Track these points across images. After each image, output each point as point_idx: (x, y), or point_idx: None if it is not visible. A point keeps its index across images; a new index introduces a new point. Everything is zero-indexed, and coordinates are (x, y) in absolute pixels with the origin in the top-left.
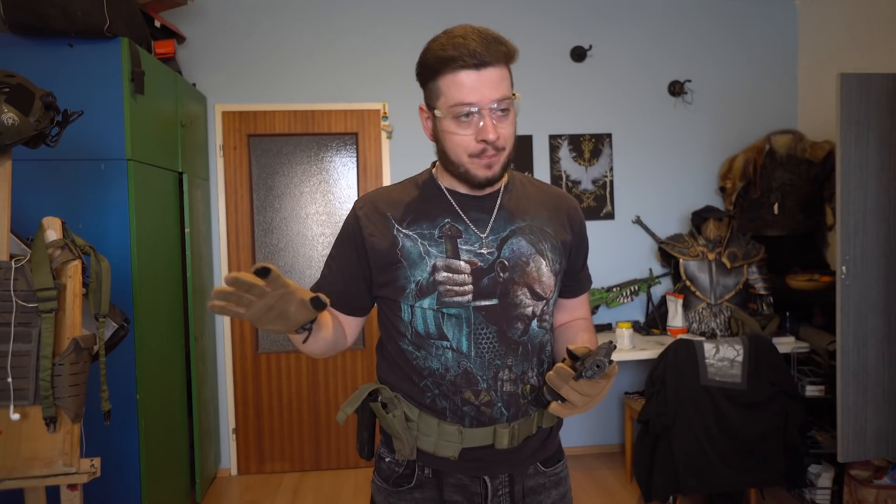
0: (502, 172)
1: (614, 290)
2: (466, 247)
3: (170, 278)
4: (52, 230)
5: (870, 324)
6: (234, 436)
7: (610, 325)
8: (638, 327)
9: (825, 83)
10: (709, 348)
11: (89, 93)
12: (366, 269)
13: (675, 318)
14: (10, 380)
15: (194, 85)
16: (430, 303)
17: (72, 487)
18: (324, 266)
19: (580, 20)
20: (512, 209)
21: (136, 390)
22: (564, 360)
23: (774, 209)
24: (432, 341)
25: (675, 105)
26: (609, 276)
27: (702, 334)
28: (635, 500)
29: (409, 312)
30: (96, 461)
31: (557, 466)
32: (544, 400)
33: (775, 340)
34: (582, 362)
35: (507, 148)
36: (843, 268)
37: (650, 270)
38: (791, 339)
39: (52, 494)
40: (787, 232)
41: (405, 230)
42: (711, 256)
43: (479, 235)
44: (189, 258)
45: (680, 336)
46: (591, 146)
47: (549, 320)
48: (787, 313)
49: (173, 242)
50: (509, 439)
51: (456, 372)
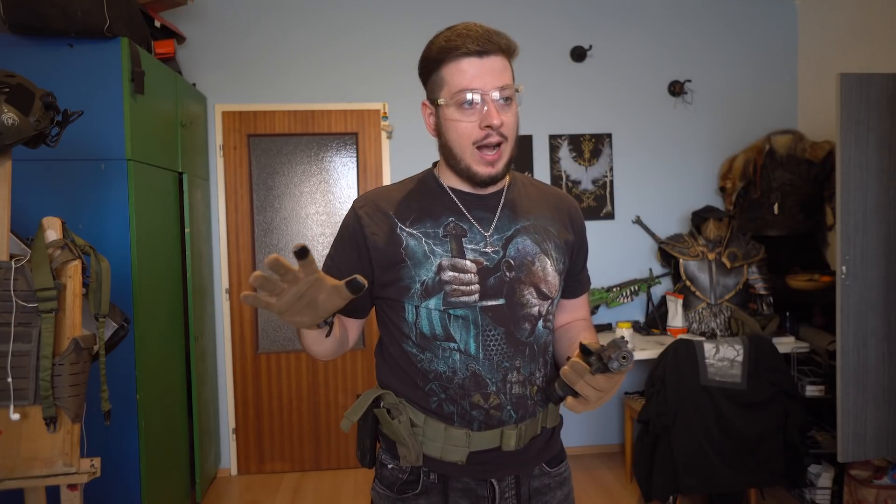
0: (505, 170)
1: (614, 290)
2: (471, 246)
3: (170, 278)
4: (52, 230)
5: (870, 324)
6: (234, 436)
7: (610, 325)
8: (638, 327)
9: (825, 83)
10: (709, 348)
11: (89, 93)
12: (367, 269)
13: (675, 318)
14: (10, 380)
15: (194, 85)
16: (436, 303)
17: (72, 487)
18: (322, 266)
19: (580, 20)
20: (516, 208)
21: (136, 390)
22: (576, 355)
23: (774, 209)
24: (438, 343)
25: (675, 105)
26: (609, 276)
27: (702, 334)
28: (635, 500)
29: (414, 313)
30: (96, 461)
31: (561, 466)
32: (556, 396)
33: (775, 340)
34: (599, 356)
35: (510, 138)
36: (843, 268)
37: (650, 270)
38: (791, 339)
39: (52, 494)
40: (787, 232)
41: (409, 229)
42: (711, 256)
43: (484, 234)
44: (189, 258)
45: (680, 336)
46: (591, 146)
47: (553, 320)
48: (787, 313)
49: (173, 242)
50: (516, 441)
51: (464, 375)
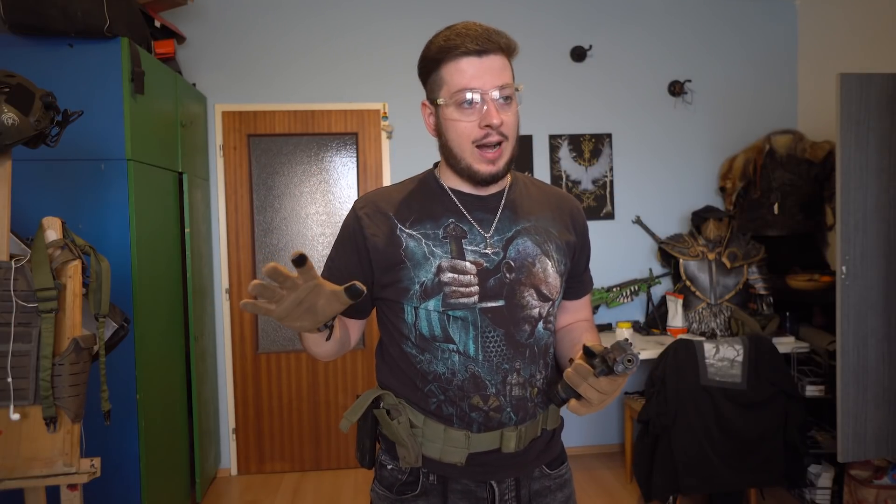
0: (506, 169)
1: (614, 290)
2: (471, 247)
3: (170, 278)
4: (52, 230)
5: (870, 324)
6: (234, 436)
7: (610, 325)
8: (638, 327)
9: (825, 83)
10: (709, 348)
11: (89, 93)
12: (367, 270)
13: (675, 318)
14: (10, 380)
15: (194, 85)
16: (435, 304)
17: (72, 487)
18: (323, 268)
19: (580, 20)
20: (516, 209)
21: (136, 390)
22: (579, 357)
23: (774, 209)
24: (437, 344)
25: (676, 105)
26: (609, 276)
27: (702, 334)
28: (635, 500)
29: (413, 314)
30: (96, 461)
31: (562, 468)
32: (559, 398)
33: (775, 340)
34: (602, 359)
35: (511, 137)
36: (843, 268)
37: (650, 270)
38: (791, 339)
39: (52, 494)
40: (787, 232)
41: (408, 230)
42: (711, 256)
43: (484, 235)
44: (189, 258)
45: (680, 336)
46: (591, 146)
47: (554, 322)
48: (787, 313)
49: (173, 242)
50: (516, 443)
51: (463, 376)
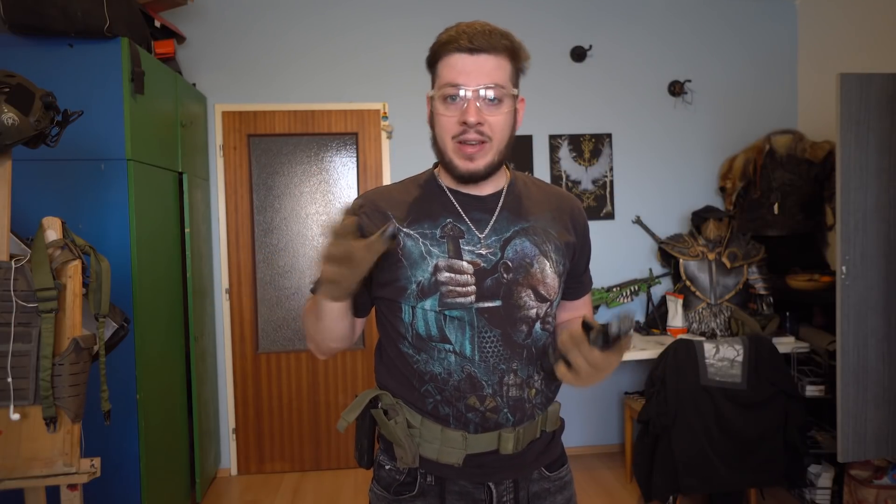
0: (487, 170)
1: (614, 290)
2: (468, 247)
3: (170, 278)
4: (52, 230)
5: (870, 324)
6: (234, 436)
7: None
8: (638, 327)
9: (825, 83)
10: (709, 348)
11: (89, 93)
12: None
13: (675, 318)
14: (10, 380)
15: (194, 85)
16: (431, 304)
17: (72, 487)
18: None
19: (580, 20)
20: (515, 210)
21: (136, 390)
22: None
23: (774, 209)
24: (434, 344)
25: (675, 105)
26: (609, 276)
27: (702, 334)
28: (635, 500)
29: (410, 314)
30: (96, 461)
31: (562, 471)
32: (548, 362)
33: (775, 340)
34: (598, 331)
35: (495, 139)
36: (843, 268)
37: (650, 270)
38: (791, 339)
39: (52, 494)
40: (787, 232)
41: (406, 229)
42: (711, 256)
43: (479, 236)
44: (189, 258)
45: (680, 336)
46: (591, 146)
47: (552, 323)
48: (787, 313)
49: (173, 242)
50: (514, 444)
51: (459, 377)
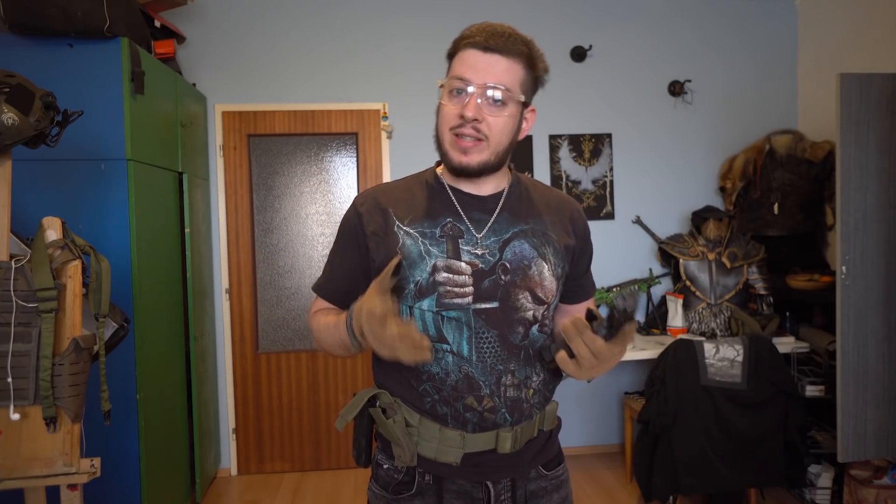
0: (480, 167)
1: (614, 290)
2: (467, 248)
3: (170, 278)
4: (52, 230)
5: (870, 324)
6: (234, 436)
7: None
8: (638, 327)
9: (825, 83)
10: (709, 348)
11: (89, 93)
12: (367, 267)
13: (675, 318)
14: (10, 380)
15: (194, 85)
16: (429, 304)
17: (72, 487)
18: (325, 263)
19: (580, 20)
20: (515, 211)
21: (136, 390)
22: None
23: (774, 209)
24: (432, 344)
25: (675, 105)
26: (609, 276)
27: (702, 334)
28: (635, 500)
29: (408, 313)
30: (96, 461)
31: (558, 469)
32: (549, 352)
33: (775, 340)
34: (602, 321)
35: (492, 140)
36: (843, 268)
37: (650, 270)
38: (791, 339)
39: (52, 494)
40: (787, 232)
41: (406, 227)
42: (711, 256)
43: (477, 236)
44: (189, 258)
45: (680, 336)
46: (591, 146)
47: (550, 325)
48: (787, 313)
49: (173, 242)
50: (512, 443)
51: (457, 377)
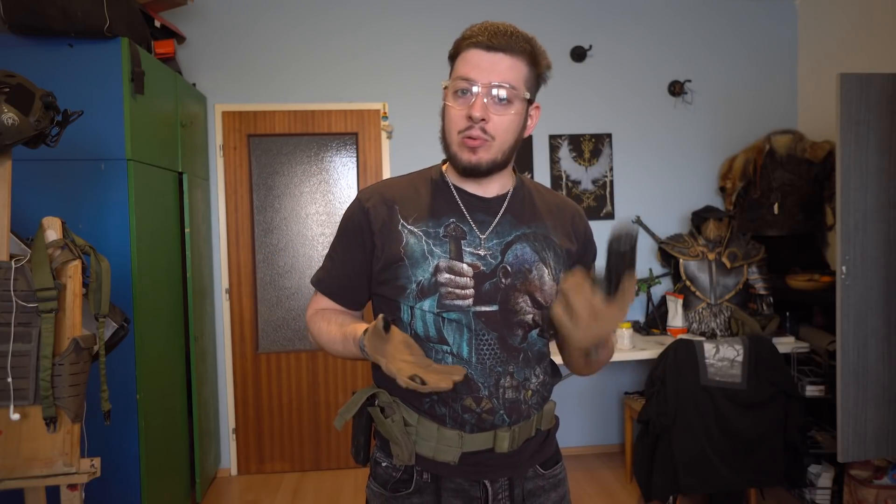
0: (489, 165)
1: None
2: (469, 249)
3: (170, 278)
4: (52, 230)
5: (870, 324)
6: (234, 436)
7: None
8: (638, 327)
9: (825, 83)
10: (709, 348)
11: (89, 93)
12: (370, 263)
13: (675, 318)
14: (10, 380)
15: (194, 85)
16: (430, 305)
17: (72, 487)
18: (325, 259)
19: (580, 20)
20: (518, 214)
21: (136, 390)
22: None
23: (774, 209)
24: (432, 345)
25: (675, 105)
26: None
27: (702, 334)
28: (635, 500)
29: (409, 313)
30: (96, 461)
31: (556, 468)
32: (547, 315)
33: (775, 340)
34: (604, 279)
35: (498, 139)
36: (843, 268)
37: (650, 270)
38: (791, 339)
39: (52, 494)
40: (787, 232)
41: (410, 226)
42: (711, 256)
43: (480, 237)
44: (189, 258)
45: (680, 336)
46: (591, 146)
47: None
48: (787, 313)
49: (173, 242)
50: (510, 443)
51: None
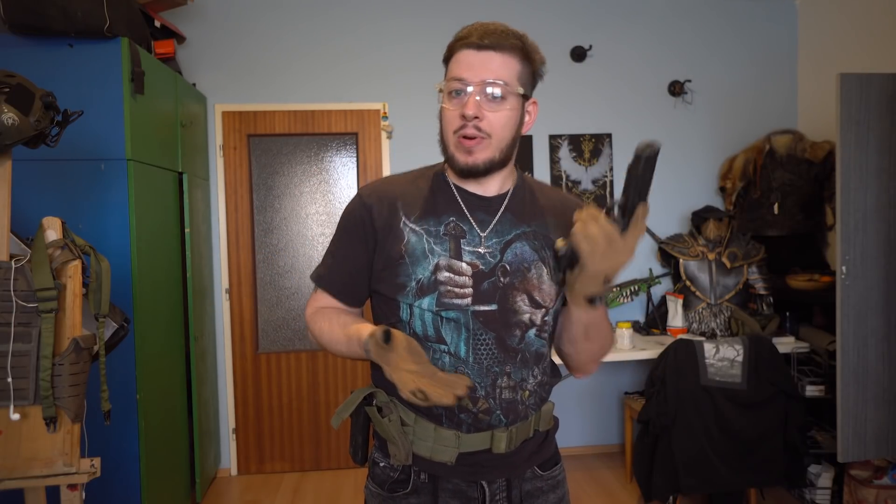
0: (486, 165)
1: (614, 290)
2: (469, 248)
3: (170, 278)
4: (52, 230)
5: (870, 324)
6: (234, 436)
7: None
8: (638, 327)
9: (825, 83)
10: (709, 348)
11: (89, 93)
12: (372, 259)
13: (675, 318)
14: (10, 380)
15: (194, 85)
16: (429, 303)
17: (72, 487)
18: (325, 255)
19: (580, 20)
20: (518, 213)
21: (136, 390)
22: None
23: (774, 209)
24: (430, 344)
25: (676, 105)
26: None
27: (702, 334)
28: (635, 500)
29: (408, 312)
30: (96, 461)
31: (555, 470)
32: (563, 249)
33: (775, 340)
34: (617, 209)
35: (494, 136)
36: (843, 268)
37: (650, 270)
38: (791, 339)
39: (52, 494)
40: (787, 232)
41: (412, 224)
42: (711, 256)
43: (481, 235)
44: (189, 258)
45: (680, 336)
46: (591, 146)
47: (549, 331)
48: (787, 313)
49: (173, 242)
50: (507, 443)
51: None
